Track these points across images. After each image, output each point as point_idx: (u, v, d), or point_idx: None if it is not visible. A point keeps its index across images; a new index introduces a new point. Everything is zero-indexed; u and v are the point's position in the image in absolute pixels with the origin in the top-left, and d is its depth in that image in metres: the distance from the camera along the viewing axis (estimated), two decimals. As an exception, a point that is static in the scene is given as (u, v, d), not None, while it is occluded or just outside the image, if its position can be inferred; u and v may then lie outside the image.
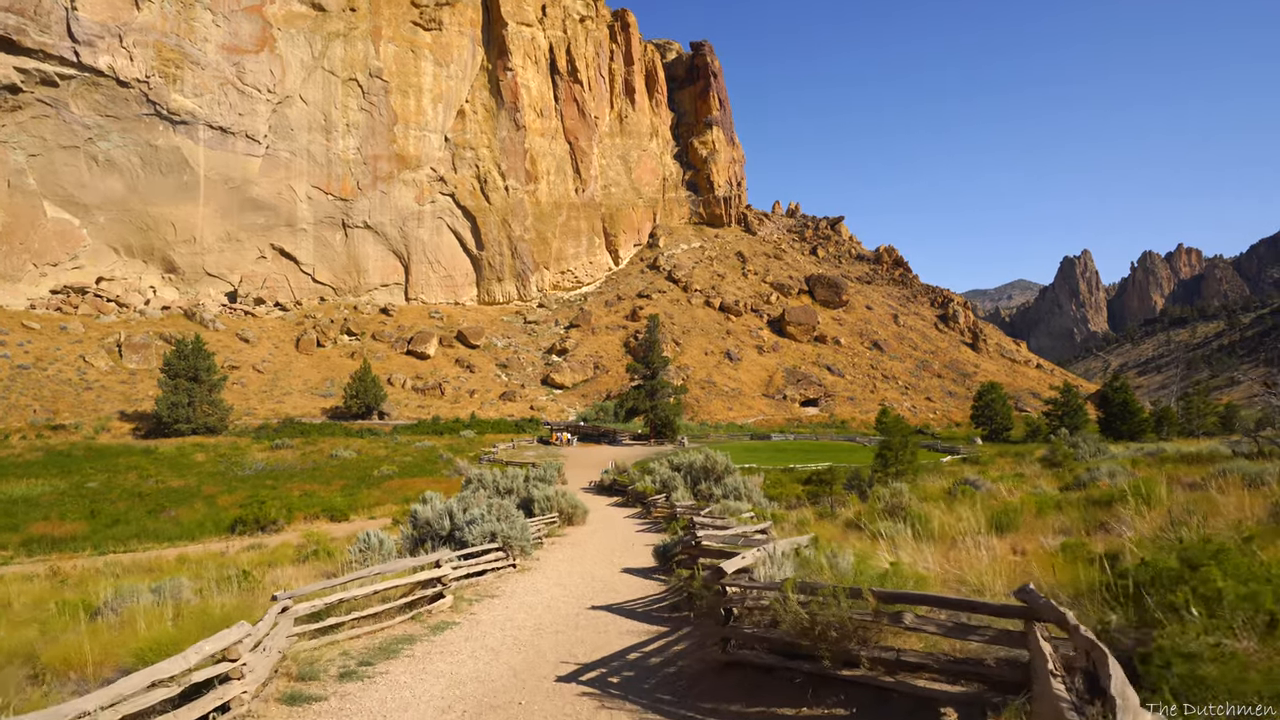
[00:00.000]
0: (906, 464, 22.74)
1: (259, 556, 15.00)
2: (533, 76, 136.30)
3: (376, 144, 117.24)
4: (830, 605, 5.71)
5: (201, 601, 9.82)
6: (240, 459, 41.76)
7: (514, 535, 13.16)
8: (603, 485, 37.29)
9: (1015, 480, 17.61)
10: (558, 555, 16.69)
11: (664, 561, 14.55)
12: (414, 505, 13.82)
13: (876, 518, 12.14)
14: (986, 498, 15.03)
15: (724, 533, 9.72)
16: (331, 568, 13.19)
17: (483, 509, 13.16)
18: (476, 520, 12.83)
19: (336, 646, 8.46)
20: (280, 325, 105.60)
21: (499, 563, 13.21)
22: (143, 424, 69.67)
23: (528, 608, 11.16)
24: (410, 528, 13.31)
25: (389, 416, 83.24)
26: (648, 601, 11.42)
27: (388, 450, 49.14)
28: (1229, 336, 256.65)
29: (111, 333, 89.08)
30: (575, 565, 15.16)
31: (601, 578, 13.60)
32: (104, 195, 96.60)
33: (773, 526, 12.18)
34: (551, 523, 20.82)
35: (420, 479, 35.47)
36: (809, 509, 16.95)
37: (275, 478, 36.49)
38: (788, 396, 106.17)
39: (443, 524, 12.95)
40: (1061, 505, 10.14)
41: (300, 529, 22.63)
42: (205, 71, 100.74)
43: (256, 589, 11.11)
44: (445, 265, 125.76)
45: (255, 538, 21.61)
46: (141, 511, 27.04)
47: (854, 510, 14.25)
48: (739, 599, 7.34)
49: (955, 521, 10.22)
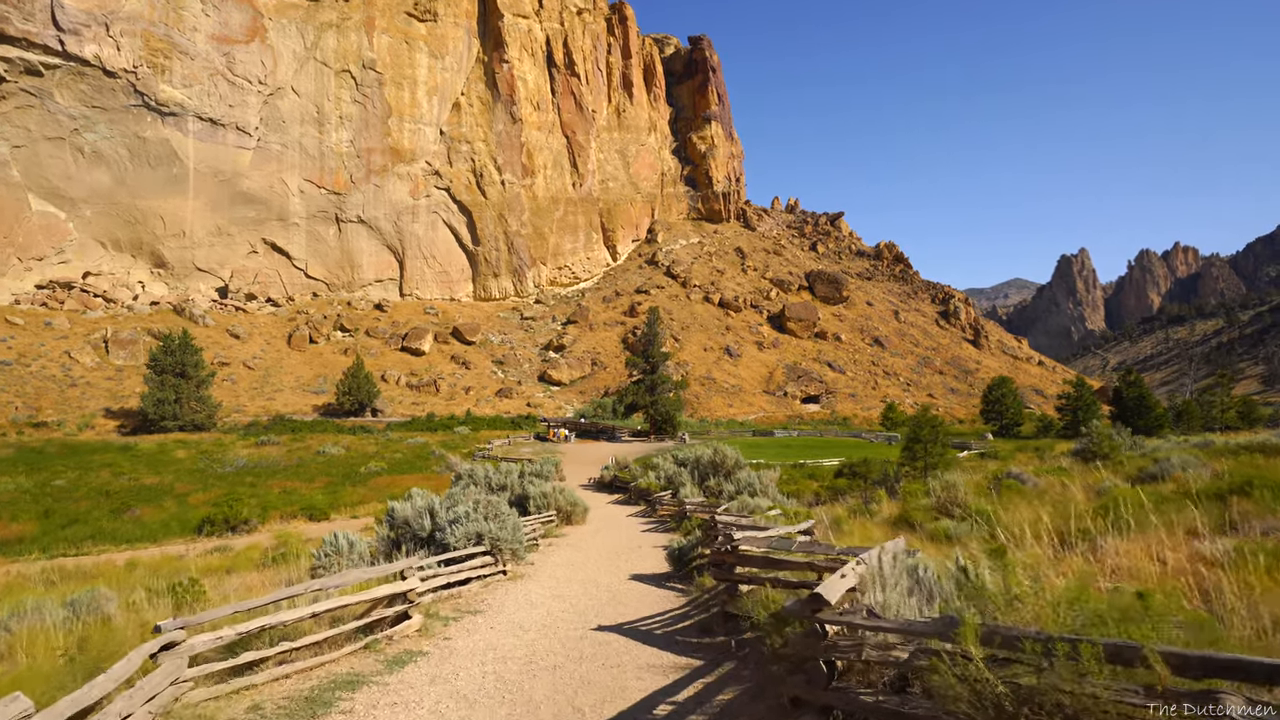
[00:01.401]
0: (937, 458, 21.00)
1: (219, 561, 13.26)
2: (529, 69, 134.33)
3: (370, 137, 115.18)
4: (1060, 675, 3.24)
5: (128, 616, 8.06)
6: (223, 456, 39.82)
7: (504, 537, 11.29)
8: (603, 482, 35.57)
9: (1059, 474, 15.93)
10: (555, 559, 14.97)
11: (679, 566, 12.82)
12: (392, 503, 12.08)
13: (927, 515, 10.45)
14: (1038, 492, 13.31)
15: (764, 534, 7.89)
16: (298, 573, 11.47)
17: (468, 506, 11.36)
18: (460, 519, 11.00)
19: (246, 697, 6.20)
20: (272, 321, 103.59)
21: (486, 569, 11.31)
22: (129, 421, 67.75)
23: (518, 629, 9.18)
24: (387, 528, 11.58)
25: (383, 414, 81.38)
26: (667, 619, 9.56)
27: (378, 447, 47.29)
28: (1228, 334, 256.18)
29: (98, 328, 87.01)
30: (576, 571, 13.40)
31: (607, 586, 11.87)
32: (91, 188, 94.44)
33: (811, 526, 10.37)
34: (549, 522, 19.03)
35: (409, 476, 33.64)
36: (839, 506, 15.26)
37: (256, 475, 34.57)
38: (788, 393, 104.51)
39: (422, 524, 11.18)
40: (1164, 501, 8.46)
41: (274, 529, 20.85)
42: (194, 62, 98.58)
43: (199, 601, 9.36)
44: (440, 260, 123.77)
45: (223, 539, 19.82)
46: (104, 511, 25.15)
47: (897, 507, 12.58)
48: (850, 644, 4.82)
49: (1031, 519, 8.51)
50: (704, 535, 11.83)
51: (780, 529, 8.38)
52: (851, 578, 5.45)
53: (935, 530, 9.55)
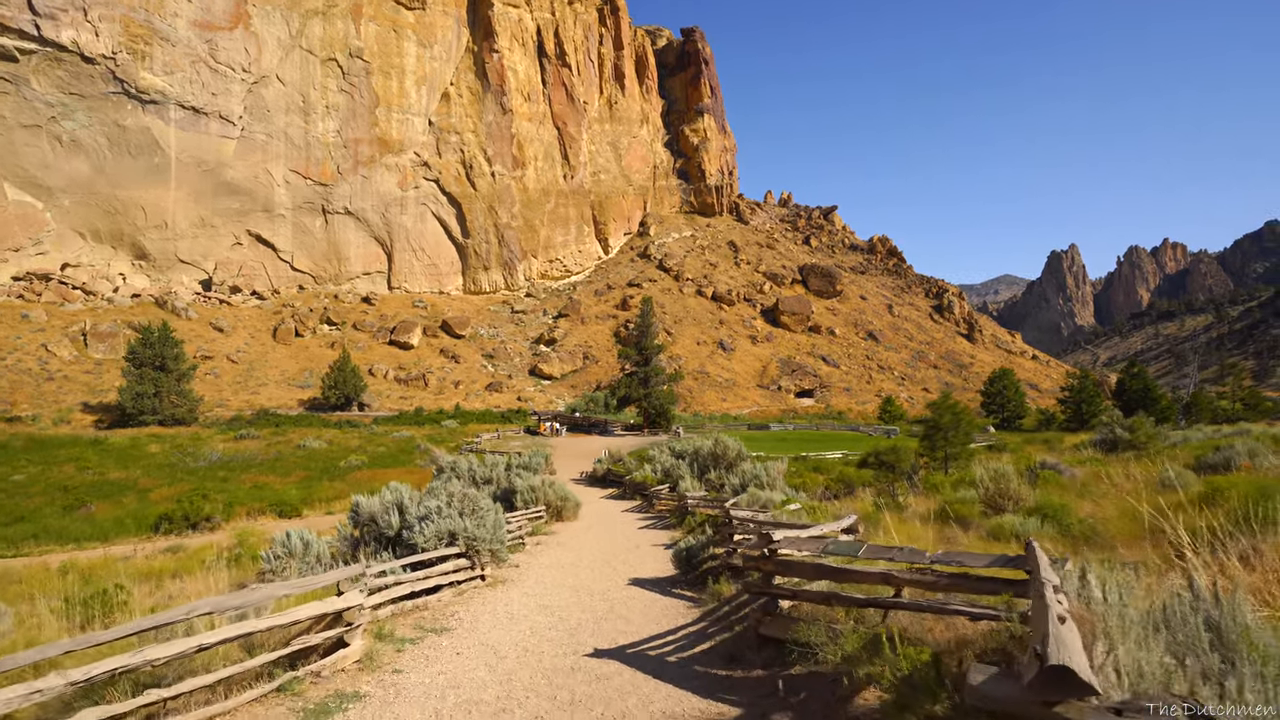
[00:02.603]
0: (959, 446, 19.63)
1: (166, 563, 11.79)
2: (520, 59, 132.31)
3: (357, 127, 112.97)
4: None
5: (17, 635, 6.60)
6: (197, 450, 38.11)
7: (481, 536, 9.71)
8: (595, 476, 34.15)
9: (1094, 464, 14.68)
10: (544, 559, 13.47)
11: (687, 569, 11.24)
12: (356, 497, 10.61)
13: (972, 508, 9.11)
14: (1082, 484, 12.00)
15: (806, 534, 6.40)
16: (248, 576, 10.02)
17: (440, 501, 9.86)
18: (431, 516, 9.51)
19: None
20: (257, 314, 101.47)
21: (461, 573, 9.70)
22: (107, 415, 65.82)
23: (492, 655, 7.41)
24: (350, 525, 10.14)
25: (370, 408, 79.68)
26: (681, 640, 7.81)
27: (361, 441, 45.63)
28: (1217, 329, 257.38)
29: (77, 321, 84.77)
30: (567, 574, 11.88)
31: (603, 594, 10.29)
32: (69, 177, 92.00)
33: (855, 523, 8.76)
34: (537, 518, 17.51)
35: (391, 470, 32.05)
36: (855, 500, 13.92)
37: (229, 469, 32.86)
38: (782, 387, 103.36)
39: (390, 521, 9.73)
40: (1270, 493, 7.17)
41: (239, 527, 19.33)
42: (176, 49, 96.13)
43: (112, 613, 7.90)
44: (429, 253, 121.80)
45: (182, 537, 18.29)
46: (56, 508, 23.42)
47: (933, 500, 11.24)
48: None
49: (1112, 514, 7.19)
50: (716, 534, 10.41)
51: (821, 526, 6.93)
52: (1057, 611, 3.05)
53: (995, 528, 8.21)
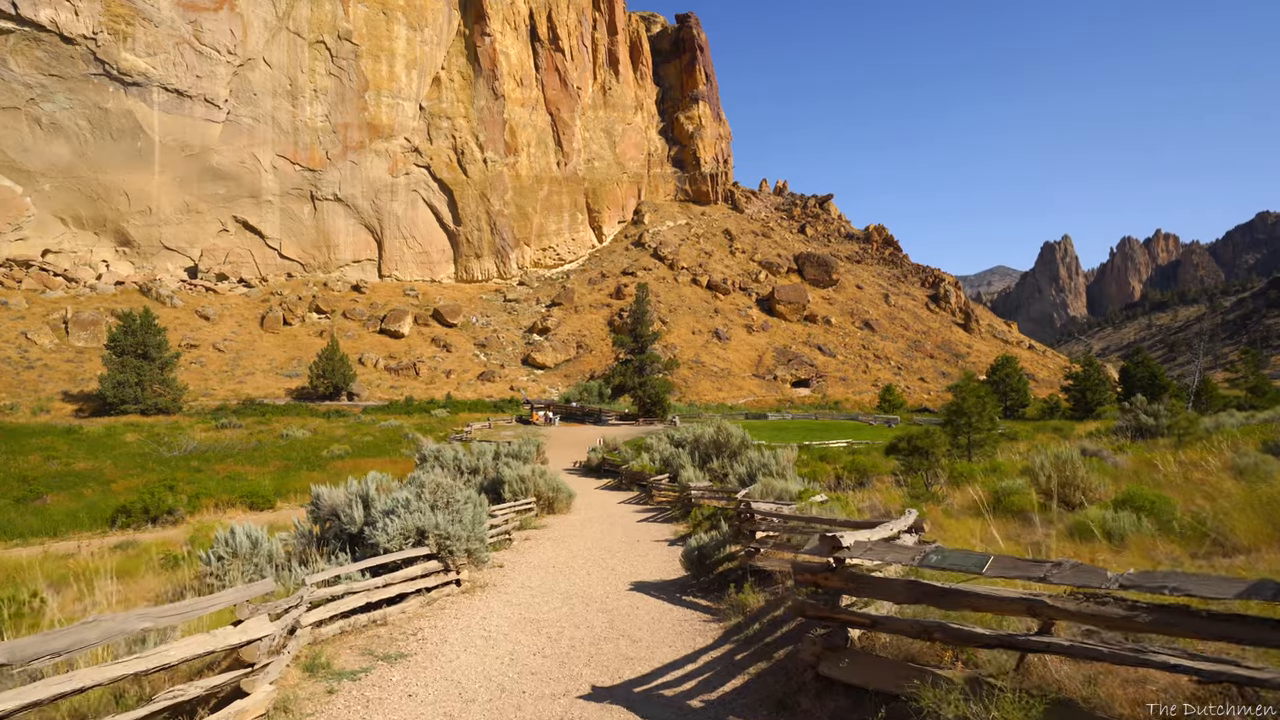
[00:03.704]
0: (985, 432, 18.26)
1: (112, 562, 10.48)
2: (512, 43, 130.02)
3: (346, 111, 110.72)
4: None
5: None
6: (174, 439, 36.61)
7: (455, 533, 8.20)
8: (590, 466, 32.90)
9: (1139, 451, 13.52)
10: (532, 558, 12.05)
11: (699, 570, 9.75)
12: (317, 488, 9.23)
13: (1027, 500, 7.90)
14: (1133, 472, 10.80)
15: (870, 535, 4.88)
16: (193, 578, 8.71)
17: (410, 492, 8.47)
18: (397, 510, 8.12)
19: None
20: (244, 302, 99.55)
21: (432, 578, 8.18)
22: (88, 405, 64.20)
23: (456, 700, 5.61)
24: (310, 520, 8.82)
25: (359, 397, 78.18)
26: (705, 673, 6.04)
27: (347, 430, 44.18)
28: (1211, 320, 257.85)
29: (58, 309, 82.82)
30: (558, 577, 10.38)
31: (601, 602, 8.83)
32: (49, 161, 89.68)
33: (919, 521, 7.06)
34: (526, 510, 16.27)
35: (375, 460, 30.62)
36: (875, 490, 12.69)
37: (205, 459, 31.33)
38: (778, 377, 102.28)
39: (353, 515, 8.38)
40: None
41: (205, 519, 18.00)
42: (159, 29, 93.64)
43: (13, 626, 6.58)
44: (420, 240, 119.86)
45: (140, 532, 16.92)
46: (7, 500, 21.99)
47: (971, 491, 9.95)
48: None
49: (1226, 509, 5.99)
50: (735, 530, 9.06)
51: (887, 525, 5.53)
52: None
53: (1077, 525, 6.96)
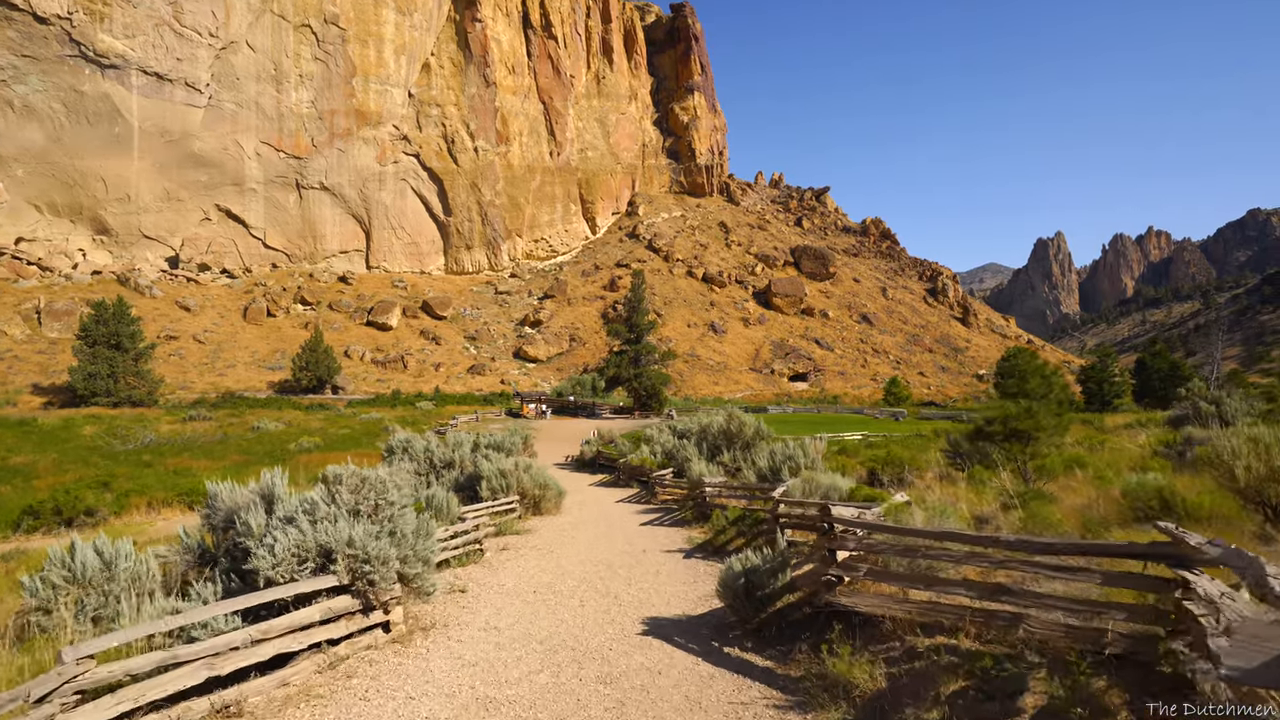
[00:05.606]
0: (1053, 419, 14.92)
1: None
2: (504, 30, 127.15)
3: (333, 97, 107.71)
4: None
5: None
6: (134, 433, 34.11)
7: (380, 553, 5.51)
8: (583, 460, 30.59)
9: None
10: (508, 579, 9.37)
11: (746, 607, 6.68)
12: (212, 486, 6.90)
13: (1227, 502, 5.75)
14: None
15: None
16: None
17: (320, 493, 6.01)
18: (297, 518, 5.60)
19: None
20: (227, 293, 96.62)
21: (342, 623, 5.56)
22: (57, 397, 61.58)
23: None
24: (203, 529, 6.52)
25: (344, 390, 75.64)
26: None
27: (323, 423, 41.73)
28: (1204, 316, 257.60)
29: (31, 298, 79.84)
30: (539, 611, 7.63)
31: (600, 657, 6.18)
32: (22, 145, 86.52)
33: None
34: (506, 512, 13.79)
35: (345, 453, 28.29)
36: (919, 485, 10.53)
37: (159, 453, 28.83)
38: (775, 370, 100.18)
39: (249, 523, 5.98)
40: None
41: (132, 521, 15.65)
42: (137, 10, 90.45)
43: None
44: (410, 231, 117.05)
45: (48, 536, 14.57)
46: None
47: (1082, 489, 7.82)
48: None
49: None
50: (814, 551, 6.36)
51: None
52: None
53: None
